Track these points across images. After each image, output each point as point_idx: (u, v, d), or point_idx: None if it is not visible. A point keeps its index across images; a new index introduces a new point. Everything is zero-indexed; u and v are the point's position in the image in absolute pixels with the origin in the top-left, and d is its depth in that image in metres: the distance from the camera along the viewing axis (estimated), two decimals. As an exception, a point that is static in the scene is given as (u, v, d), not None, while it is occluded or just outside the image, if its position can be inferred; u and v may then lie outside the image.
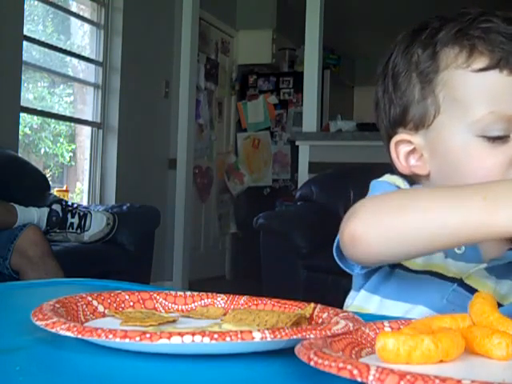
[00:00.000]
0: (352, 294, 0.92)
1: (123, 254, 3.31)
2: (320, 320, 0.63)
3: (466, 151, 0.81)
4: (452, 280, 0.83)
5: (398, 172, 0.88)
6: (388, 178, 0.88)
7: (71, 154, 4.64)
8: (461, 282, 0.82)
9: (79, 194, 4.59)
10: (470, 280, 0.82)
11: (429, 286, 0.83)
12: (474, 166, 0.80)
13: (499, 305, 0.78)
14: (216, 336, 0.50)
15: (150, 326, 0.60)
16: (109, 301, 0.69)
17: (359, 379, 0.40)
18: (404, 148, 0.87)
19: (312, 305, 0.66)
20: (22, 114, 3.83)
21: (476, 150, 0.80)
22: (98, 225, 3.20)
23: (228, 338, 0.50)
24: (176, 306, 0.72)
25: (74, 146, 4.66)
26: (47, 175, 4.04)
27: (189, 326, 0.60)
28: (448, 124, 0.82)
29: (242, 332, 0.51)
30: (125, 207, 3.57)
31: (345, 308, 0.91)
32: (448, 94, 0.82)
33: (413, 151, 0.86)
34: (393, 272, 0.87)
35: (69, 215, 3.13)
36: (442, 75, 0.82)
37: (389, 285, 0.86)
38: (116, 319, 0.64)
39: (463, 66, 0.80)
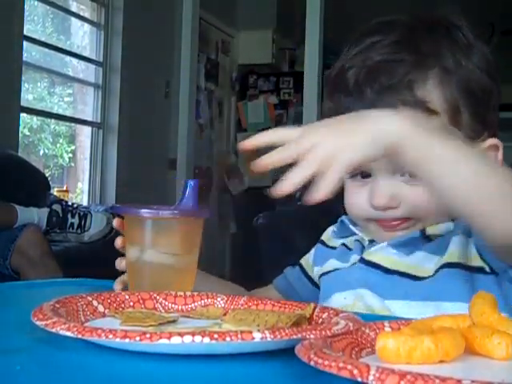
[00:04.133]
0: None
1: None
2: (320, 320, 0.63)
3: (345, 188, 0.90)
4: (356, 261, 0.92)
5: None
6: None
7: (71, 155, 4.64)
8: (362, 259, 0.90)
9: (79, 194, 4.59)
10: (370, 256, 0.90)
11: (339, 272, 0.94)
12: (348, 201, 0.90)
13: (416, 277, 0.85)
14: (216, 336, 0.50)
15: (150, 326, 0.60)
16: (109, 301, 0.69)
17: (359, 379, 0.40)
18: None
19: (312, 305, 0.66)
20: (21, 115, 3.83)
21: (348, 186, 0.89)
22: (98, 225, 3.20)
23: (228, 338, 0.50)
24: (176, 306, 0.72)
25: (73, 147, 4.65)
26: (47, 175, 4.03)
27: (189, 326, 0.60)
28: None
29: (241, 332, 0.51)
30: (125, 207, 3.56)
31: None
32: None
33: None
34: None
35: (69, 215, 3.13)
36: None
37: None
38: (116, 319, 0.64)
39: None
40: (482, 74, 0.86)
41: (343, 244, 0.99)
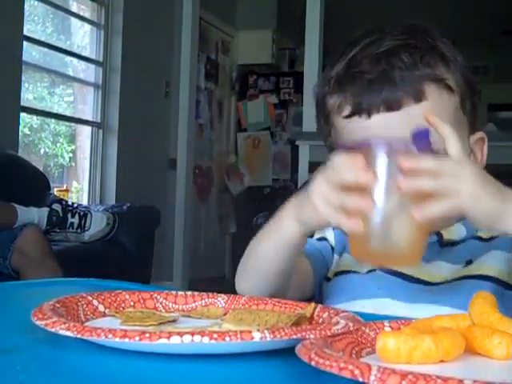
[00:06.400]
0: None
1: (123, 253, 3.31)
2: (320, 320, 0.63)
3: None
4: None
5: None
6: None
7: (71, 155, 4.64)
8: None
9: (79, 193, 4.59)
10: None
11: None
12: None
13: (428, 283, 0.87)
14: (215, 336, 0.50)
15: (150, 325, 0.60)
16: (109, 300, 0.69)
17: (360, 379, 0.40)
18: None
19: (312, 305, 0.65)
20: (21, 114, 3.83)
21: None
22: (98, 225, 3.20)
23: (227, 338, 0.50)
24: (176, 306, 0.72)
25: (73, 147, 4.65)
26: (47, 175, 4.03)
27: (189, 326, 0.60)
28: None
29: (241, 332, 0.51)
30: (125, 207, 3.57)
31: None
32: (334, 135, 0.92)
33: None
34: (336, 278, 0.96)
35: (69, 215, 3.13)
36: (331, 118, 0.92)
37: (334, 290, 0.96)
38: (116, 319, 0.64)
39: (338, 112, 0.89)
40: (470, 72, 0.90)
41: None
